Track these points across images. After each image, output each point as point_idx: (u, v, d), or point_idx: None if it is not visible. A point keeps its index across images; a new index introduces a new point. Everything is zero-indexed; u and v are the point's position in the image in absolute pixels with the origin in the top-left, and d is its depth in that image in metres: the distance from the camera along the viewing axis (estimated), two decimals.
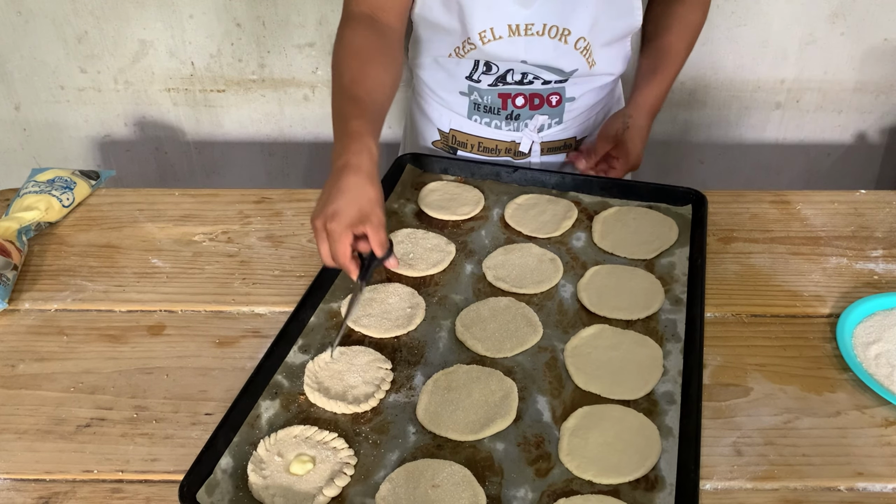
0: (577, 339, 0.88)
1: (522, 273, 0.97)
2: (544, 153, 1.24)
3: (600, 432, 0.76)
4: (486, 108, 1.20)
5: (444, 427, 0.77)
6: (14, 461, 0.78)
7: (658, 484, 0.72)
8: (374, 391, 0.80)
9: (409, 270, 0.97)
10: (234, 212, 1.13)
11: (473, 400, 0.80)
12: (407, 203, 1.10)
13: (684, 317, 0.91)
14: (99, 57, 1.66)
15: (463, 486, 0.71)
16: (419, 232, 1.03)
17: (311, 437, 0.76)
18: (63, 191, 1.13)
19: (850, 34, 1.61)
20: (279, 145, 1.81)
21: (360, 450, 0.75)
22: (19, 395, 0.85)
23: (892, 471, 0.75)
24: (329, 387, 0.81)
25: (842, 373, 0.86)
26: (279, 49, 1.65)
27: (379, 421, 0.78)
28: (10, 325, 0.94)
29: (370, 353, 0.85)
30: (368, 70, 0.99)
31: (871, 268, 1.02)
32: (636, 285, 0.95)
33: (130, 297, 0.98)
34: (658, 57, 1.17)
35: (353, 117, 0.92)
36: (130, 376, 0.87)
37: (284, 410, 0.80)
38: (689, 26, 1.18)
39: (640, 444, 0.75)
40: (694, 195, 1.08)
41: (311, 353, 0.86)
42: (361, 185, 0.87)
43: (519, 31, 1.08)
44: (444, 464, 0.73)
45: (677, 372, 0.83)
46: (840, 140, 1.79)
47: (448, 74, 1.19)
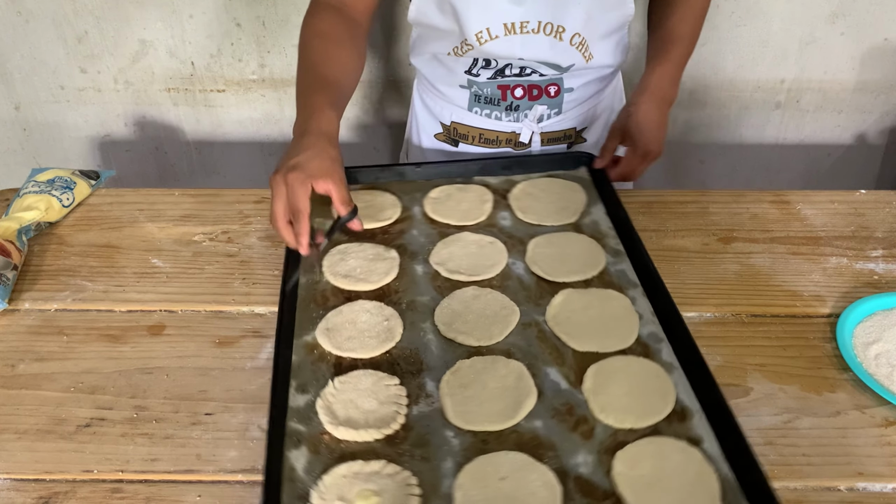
0: (552, 308, 0.91)
1: (472, 261, 0.97)
2: (545, 143, 1.24)
3: (617, 384, 0.80)
4: (487, 100, 1.21)
5: (479, 422, 0.77)
6: (14, 461, 0.78)
7: (686, 413, 0.77)
8: (396, 409, 0.78)
9: (365, 285, 0.94)
10: (234, 212, 1.13)
11: (491, 389, 0.80)
12: (325, 220, 0.98)
13: (629, 264, 0.97)
14: (99, 57, 1.66)
15: (528, 470, 0.72)
16: (353, 245, 1.00)
17: (360, 472, 0.72)
18: (63, 191, 1.13)
19: (850, 34, 1.61)
20: (279, 145, 1.81)
21: (413, 468, 0.72)
22: (19, 395, 0.85)
23: (892, 471, 0.75)
24: (350, 417, 0.77)
25: (842, 373, 0.86)
26: (279, 49, 1.65)
27: (415, 436, 0.76)
28: (10, 325, 0.94)
29: (371, 373, 0.82)
30: (333, 52, 1.02)
31: (871, 268, 1.02)
32: (576, 248, 1.00)
33: (130, 297, 0.98)
34: (661, 42, 1.14)
35: (316, 92, 0.95)
36: (130, 376, 0.87)
37: (315, 455, 0.74)
38: (691, 8, 1.15)
39: (655, 384, 0.80)
40: (585, 157, 1.15)
41: (309, 391, 0.80)
42: (322, 146, 0.89)
43: (514, 30, 1.09)
44: (500, 455, 0.73)
45: (650, 313, 0.89)
46: (840, 140, 1.79)
47: (448, 70, 1.20)
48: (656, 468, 0.72)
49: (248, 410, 0.82)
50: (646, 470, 0.72)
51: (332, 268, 0.96)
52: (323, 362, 0.84)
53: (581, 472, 0.72)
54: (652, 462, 0.72)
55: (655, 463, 0.72)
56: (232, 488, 0.75)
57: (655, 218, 1.10)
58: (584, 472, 0.72)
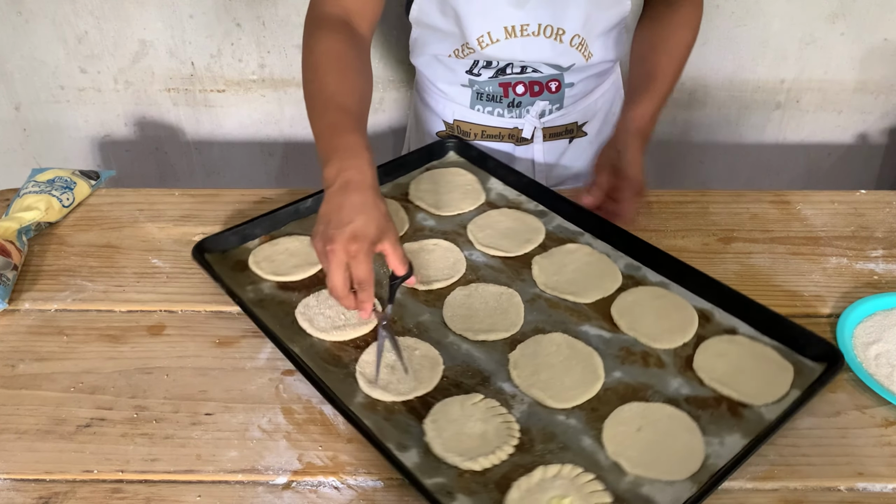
0: (537, 278, 0.96)
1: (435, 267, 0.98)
2: (546, 138, 1.25)
3: (644, 314, 0.90)
4: (489, 97, 1.21)
5: (577, 396, 0.81)
6: (14, 461, 0.78)
7: (707, 313, 0.91)
8: (502, 419, 0.78)
9: (363, 328, 0.90)
10: (234, 212, 1.13)
11: (559, 366, 0.84)
12: (256, 285, 0.96)
13: (560, 218, 1.06)
14: (99, 57, 1.66)
15: (650, 413, 0.78)
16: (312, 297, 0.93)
17: (527, 487, 0.71)
18: (63, 191, 1.13)
19: (850, 34, 1.61)
20: (279, 145, 1.81)
21: (563, 460, 0.74)
22: (19, 395, 0.85)
23: (892, 471, 0.75)
24: (472, 447, 0.75)
25: (842, 373, 0.86)
26: (279, 49, 1.65)
27: (538, 435, 0.77)
28: (10, 325, 0.94)
29: (450, 402, 0.80)
30: (351, 78, 0.95)
31: (871, 268, 1.02)
32: (509, 222, 1.06)
33: (130, 297, 0.98)
34: (645, 78, 1.10)
35: (347, 130, 0.88)
36: (130, 376, 0.87)
37: (473, 496, 0.71)
38: (678, 46, 1.12)
39: (671, 303, 0.92)
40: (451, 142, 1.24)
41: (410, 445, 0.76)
42: (374, 201, 0.83)
43: (515, 33, 1.09)
44: (620, 412, 0.78)
45: (611, 249, 1.00)
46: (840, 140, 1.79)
47: (449, 69, 1.20)
48: (728, 363, 0.84)
49: (247, 410, 0.82)
50: (723, 368, 0.83)
51: (314, 326, 0.89)
52: (398, 415, 0.80)
53: (685, 394, 0.81)
54: (721, 360, 0.84)
55: (724, 360, 0.84)
56: (232, 488, 0.75)
57: (655, 218, 1.10)
58: (687, 392, 0.81)
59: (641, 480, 0.72)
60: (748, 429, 0.77)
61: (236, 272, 0.98)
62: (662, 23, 1.13)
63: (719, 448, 0.75)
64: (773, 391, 0.80)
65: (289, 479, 0.75)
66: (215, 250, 1.00)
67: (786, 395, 0.80)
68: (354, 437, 0.79)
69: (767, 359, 0.84)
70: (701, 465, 0.73)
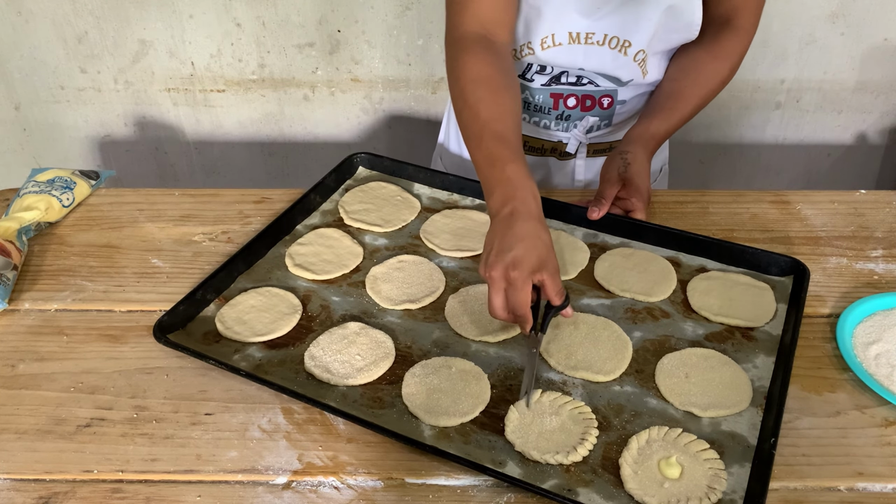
0: None
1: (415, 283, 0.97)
2: (590, 155, 1.21)
3: (627, 274, 0.97)
4: (537, 108, 1.17)
5: (618, 365, 0.85)
6: (14, 461, 0.78)
7: (680, 262, 1.00)
8: (572, 407, 0.80)
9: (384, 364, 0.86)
10: (234, 212, 1.13)
11: (585, 341, 0.88)
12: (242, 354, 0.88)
13: None
14: (99, 57, 1.66)
15: (685, 358, 0.85)
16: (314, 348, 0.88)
17: (635, 452, 0.75)
18: (63, 191, 1.13)
19: (850, 34, 1.61)
20: (279, 145, 1.81)
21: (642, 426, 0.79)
22: (19, 395, 0.85)
23: (892, 471, 0.75)
24: (560, 441, 0.76)
25: (842, 373, 0.86)
26: (279, 49, 1.65)
27: (606, 410, 0.81)
28: (10, 325, 0.94)
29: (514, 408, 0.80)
30: (502, 101, 0.95)
31: (871, 268, 1.02)
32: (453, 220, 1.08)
33: (130, 297, 0.98)
34: (667, 98, 1.09)
35: (508, 160, 0.88)
36: (130, 376, 0.87)
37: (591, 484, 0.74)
38: (710, 78, 1.10)
39: (640, 255, 1.00)
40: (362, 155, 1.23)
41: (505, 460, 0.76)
42: (536, 231, 0.84)
43: (579, 40, 1.07)
44: (662, 366, 0.84)
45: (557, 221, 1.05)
46: (840, 140, 1.79)
47: None
48: (717, 297, 0.93)
49: (247, 410, 0.82)
50: (715, 301, 0.93)
51: (335, 374, 0.85)
52: (474, 435, 0.78)
53: (700, 333, 0.90)
54: (710, 296, 0.93)
55: (712, 295, 0.94)
56: (232, 488, 0.75)
57: (655, 218, 1.10)
58: (702, 332, 0.90)
59: (717, 420, 0.79)
60: (767, 347, 0.87)
61: (211, 344, 0.89)
62: (702, 50, 1.10)
63: (756, 371, 0.84)
64: (767, 310, 0.92)
65: (289, 479, 0.75)
66: (175, 327, 0.91)
67: (777, 311, 0.91)
68: (355, 437, 0.79)
69: (745, 284, 0.95)
70: (753, 389, 0.82)
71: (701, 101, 1.10)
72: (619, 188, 1.03)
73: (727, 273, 0.97)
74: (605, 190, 1.03)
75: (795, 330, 0.86)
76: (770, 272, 0.98)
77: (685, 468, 0.74)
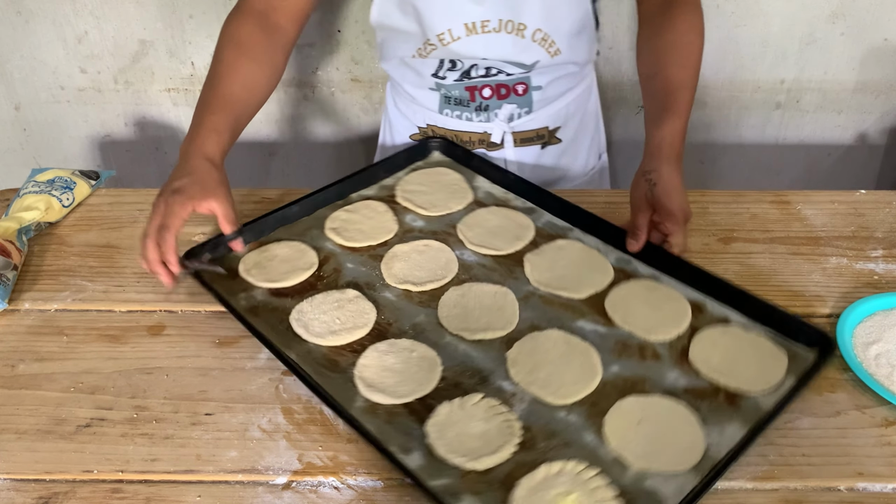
0: (530, 275, 0.96)
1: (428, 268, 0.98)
2: (517, 144, 1.24)
3: (638, 308, 0.91)
4: (456, 101, 1.20)
5: (577, 391, 0.81)
6: (14, 461, 0.78)
7: (699, 304, 0.91)
8: (503, 419, 0.78)
9: (359, 331, 0.89)
10: None
11: (555, 361, 0.84)
12: (248, 293, 0.96)
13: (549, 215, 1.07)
14: (99, 57, 1.65)
15: (648, 406, 0.79)
16: (305, 304, 0.93)
17: (532, 485, 0.71)
18: (63, 191, 1.13)
19: (850, 34, 1.61)
20: (279, 145, 1.81)
21: (568, 456, 0.74)
22: (19, 395, 0.85)
23: (892, 471, 0.75)
24: (474, 447, 0.75)
25: (842, 373, 0.86)
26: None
27: (539, 432, 0.77)
28: (10, 325, 0.94)
29: (451, 403, 0.80)
30: (243, 66, 1.03)
31: (871, 268, 1.02)
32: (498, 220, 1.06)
33: (130, 297, 0.98)
34: (661, 95, 1.05)
35: (212, 112, 0.98)
36: (130, 376, 0.87)
37: (479, 496, 0.71)
38: (688, 54, 1.07)
39: (663, 294, 0.93)
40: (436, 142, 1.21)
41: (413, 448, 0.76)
42: (206, 169, 0.92)
43: (476, 29, 1.09)
44: (619, 407, 0.79)
45: (602, 244, 1.01)
46: (840, 140, 1.78)
47: (415, 73, 1.20)
48: (723, 353, 0.85)
49: (247, 410, 0.83)
50: (718, 358, 0.84)
51: (309, 331, 0.89)
52: (398, 416, 0.80)
53: (682, 385, 0.82)
54: (715, 351, 0.85)
55: (718, 350, 0.85)
56: (232, 488, 0.75)
57: None
58: (684, 384, 0.82)
59: (645, 474, 0.73)
60: (746, 417, 0.78)
61: (227, 280, 0.97)
62: (664, 33, 1.08)
63: (719, 438, 0.76)
64: (769, 379, 0.82)
65: (289, 479, 0.75)
66: (200, 253, 0.99)
67: (781, 383, 0.81)
68: (354, 438, 0.79)
69: (761, 347, 0.86)
70: (702, 455, 0.74)
71: (694, 79, 1.07)
72: (650, 213, 0.97)
73: (748, 331, 0.87)
74: (637, 218, 0.98)
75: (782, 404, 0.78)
76: (798, 339, 0.86)
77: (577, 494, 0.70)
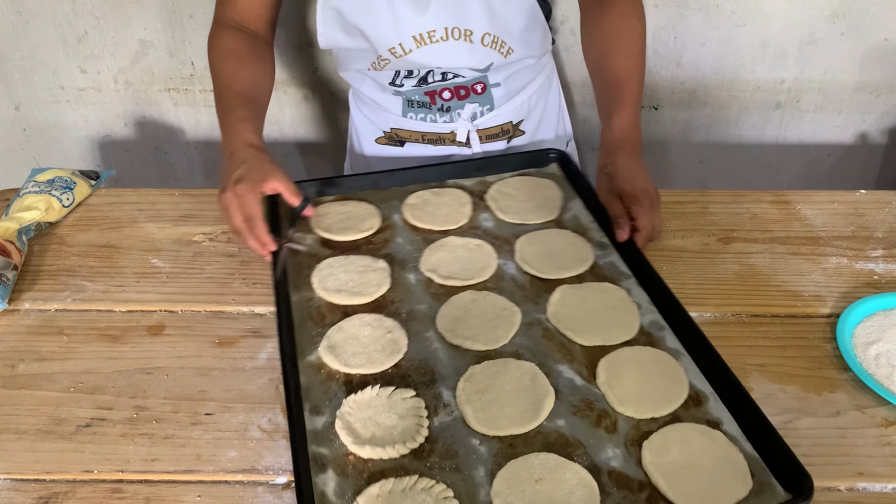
0: (551, 305, 0.92)
1: (462, 265, 0.98)
2: (483, 141, 1.24)
3: (630, 375, 0.82)
4: (419, 105, 1.21)
5: (503, 426, 0.77)
6: (14, 461, 0.78)
7: (701, 397, 0.80)
8: (417, 422, 0.77)
9: (360, 298, 0.93)
10: None
11: (509, 392, 0.80)
12: (304, 235, 1.04)
13: (618, 256, 0.99)
14: (99, 57, 1.65)
15: (562, 470, 0.73)
16: (338, 259, 0.99)
17: (394, 490, 0.71)
18: (63, 191, 1.13)
19: (850, 34, 1.61)
20: (279, 145, 1.81)
21: (446, 480, 0.72)
22: (19, 395, 0.85)
23: (892, 471, 0.75)
24: (372, 435, 0.76)
25: (842, 373, 0.86)
26: (279, 49, 1.65)
27: (441, 447, 0.75)
28: (10, 325, 0.94)
29: (386, 388, 0.81)
30: (244, 70, 1.09)
31: (871, 268, 1.02)
32: (562, 244, 1.02)
33: (130, 297, 0.98)
34: (609, 86, 1.06)
35: (235, 110, 1.02)
36: (130, 376, 0.87)
37: (343, 477, 0.73)
38: (630, 41, 1.07)
39: (667, 371, 0.83)
40: (555, 154, 1.17)
41: (324, 413, 0.79)
42: (257, 155, 0.97)
43: (424, 40, 1.09)
44: (532, 457, 0.74)
45: (648, 302, 0.92)
46: (840, 140, 1.78)
47: (374, 81, 1.21)
48: (684, 453, 0.74)
49: (247, 410, 0.83)
50: (674, 456, 0.74)
51: (322, 283, 0.95)
52: (332, 381, 0.82)
53: (613, 466, 0.74)
54: (679, 448, 0.74)
55: (682, 448, 0.74)
56: (232, 488, 0.75)
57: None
58: (616, 466, 0.74)
59: None
60: None
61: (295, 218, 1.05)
62: (604, 22, 1.09)
63: None
64: (711, 501, 0.70)
65: (289, 479, 0.75)
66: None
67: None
68: None
69: (731, 466, 0.72)
70: None
71: (639, 66, 1.08)
72: (619, 202, 1.00)
73: (731, 444, 0.75)
74: (611, 209, 1.00)
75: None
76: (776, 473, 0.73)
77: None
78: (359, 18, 1.08)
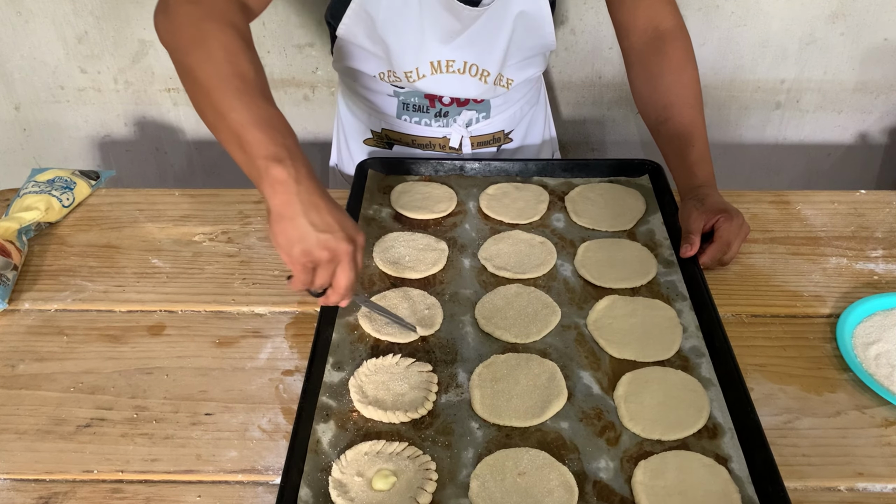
0: (595, 312, 0.91)
1: (519, 259, 0.99)
2: (475, 147, 1.25)
3: (650, 394, 0.80)
4: (416, 107, 1.21)
5: (505, 416, 0.78)
6: (14, 461, 0.78)
7: (718, 430, 0.77)
8: (426, 395, 0.80)
9: (412, 273, 0.97)
10: (234, 212, 1.13)
11: (523, 386, 0.81)
12: (381, 208, 1.09)
13: (681, 276, 0.97)
14: (99, 57, 1.65)
15: (547, 469, 0.73)
16: (405, 234, 1.03)
17: (382, 451, 0.74)
18: (63, 191, 1.13)
19: (850, 34, 1.61)
20: None
21: (434, 454, 0.75)
22: (19, 395, 0.85)
23: (892, 471, 0.75)
24: (379, 398, 0.79)
25: (842, 373, 0.86)
26: (279, 49, 1.65)
27: (440, 423, 0.78)
28: (10, 325, 0.94)
29: (406, 359, 0.85)
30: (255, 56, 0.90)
31: (871, 268, 1.02)
32: (628, 255, 1.00)
33: (130, 297, 0.98)
34: (680, 139, 1.06)
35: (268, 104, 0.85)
36: (130, 376, 0.87)
37: (342, 430, 0.77)
38: (690, 90, 1.08)
39: (690, 397, 0.80)
40: (649, 165, 1.15)
41: (345, 369, 0.84)
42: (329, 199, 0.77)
43: (441, 69, 1.10)
44: (522, 451, 0.75)
45: (695, 327, 0.89)
46: (840, 140, 1.79)
47: (373, 79, 1.20)
48: (679, 481, 0.72)
49: (247, 410, 0.83)
50: (668, 481, 0.72)
51: (382, 254, 0.99)
52: (361, 343, 0.88)
53: (601, 477, 0.73)
54: (675, 475, 0.72)
55: (679, 476, 0.72)
56: (232, 488, 0.75)
57: None
58: (603, 478, 0.73)
59: None
60: None
61: (379, 192, 1.12)
62: (662, 73, 1.08)
63: None
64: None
65: None
66: (378, 169, 1.15)
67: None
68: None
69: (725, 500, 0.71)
70: None
71: (702, 113, 1.09)
72: (703, 222, 0.97)
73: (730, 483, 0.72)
74: (691, 224, 0.97)
75: None
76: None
77: (397, 480, 0.71)
78: (388, 32, 1.07)
